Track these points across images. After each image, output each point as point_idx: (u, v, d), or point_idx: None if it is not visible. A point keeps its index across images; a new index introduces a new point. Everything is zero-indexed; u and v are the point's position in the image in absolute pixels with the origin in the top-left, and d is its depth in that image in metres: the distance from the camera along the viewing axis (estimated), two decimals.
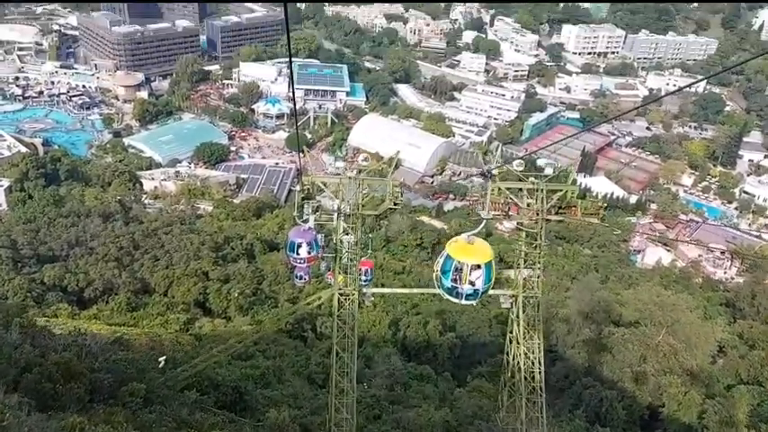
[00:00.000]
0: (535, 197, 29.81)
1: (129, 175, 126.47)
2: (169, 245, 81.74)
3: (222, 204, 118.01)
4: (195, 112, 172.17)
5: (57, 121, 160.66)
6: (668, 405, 48.05)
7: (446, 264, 27.30)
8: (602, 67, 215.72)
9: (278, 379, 40.70)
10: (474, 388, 45.25)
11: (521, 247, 31.16)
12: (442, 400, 43.59)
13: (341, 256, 29.66)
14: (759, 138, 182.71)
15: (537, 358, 30.88)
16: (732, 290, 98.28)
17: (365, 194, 29.37)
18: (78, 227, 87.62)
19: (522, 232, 31.19)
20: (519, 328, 31.08)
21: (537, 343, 31.04)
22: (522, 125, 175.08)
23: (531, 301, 31.23)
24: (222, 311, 67.28)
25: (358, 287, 30.34)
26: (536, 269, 30.94)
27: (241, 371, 39.77)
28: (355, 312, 30.28)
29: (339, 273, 30.09)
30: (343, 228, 29.27)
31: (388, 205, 29.44)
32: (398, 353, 54.52)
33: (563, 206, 30.29)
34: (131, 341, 41.33)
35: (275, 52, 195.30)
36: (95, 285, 68.98)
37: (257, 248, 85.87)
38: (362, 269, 30.63)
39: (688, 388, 48.32)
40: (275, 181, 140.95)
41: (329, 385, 31.19)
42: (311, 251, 28.08)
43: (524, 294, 31.08)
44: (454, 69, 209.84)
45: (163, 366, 34.66)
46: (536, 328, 30.86)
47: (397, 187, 29.61)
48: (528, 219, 29.96)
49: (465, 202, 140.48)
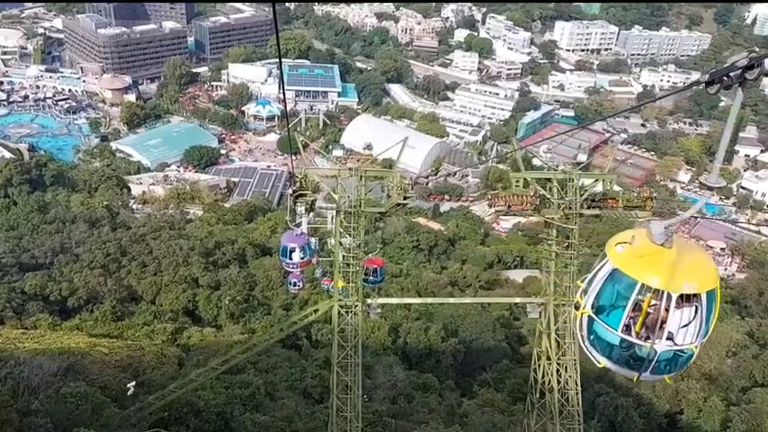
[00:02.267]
0: (567, 188, 26.83)
1: (117, 180, 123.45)
2: (157, 251, 78.82)
3: (212, 208, 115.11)
4: (184, 114, 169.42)
5: (42, 126, 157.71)
6: (687, 412, 45.34)
7: (610, 289, 12.02)
8: (596, 64, 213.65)
9: (270, 397, 37.67)
10: (485, 402, 42.30)
11: (550, 247, 28.07)
12: (450, 414, 40.74)
13: (339, 261, 26.91)
14: (755, 133, 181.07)
15: (573, 377, 27.70)
16: (734, 287, 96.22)
17: (368, 189, 26.62)
18: (63, 233, 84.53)
19: (550, 230, 28.16)
20: (550, 341, 28.04)
21: (572, 359, 27.91)
22: (516, 124, 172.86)
23: (563, 311, 28.06)
24: (212, 319, 64.55)
25: (361, 297, 27.28)
26: (569, 272, 27.90)
27: (228, 391, 36.41)
28: (359, 327, 27.19)
29: (339, 278, 27.19)
30: (342, 228, 26.52)
31: (396, 200, 26.37)
32: (399, 361, 51.61)
33: (597, 198, 27.38)
34: (93, 363, 36.92)
35: (265, 53, 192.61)
36: (79, 294, 65.98)
37: (249, 253, 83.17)
38: (370, 268, 27.79)
39: (707, 393, 45.66)
40: (267, 184, 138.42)
41: (328, 403, 28.21)
42: (304, 256, 26.33)
43: (556, 302, 27.93)
44: (447, 68, 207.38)
45: (132, 393, 30.80)
46: (570, 342, 27.76)
47: (405, 179, 26.68)
48: (559, 214, 26.98)
49: (461, 202, 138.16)
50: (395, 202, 26.39)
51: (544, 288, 28.98)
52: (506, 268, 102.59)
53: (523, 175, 27.41)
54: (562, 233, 27.81)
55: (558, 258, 27.67)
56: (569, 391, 27.72)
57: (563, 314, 28.06)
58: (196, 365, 42.18)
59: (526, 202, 26.96)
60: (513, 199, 27.07)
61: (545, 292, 28.65)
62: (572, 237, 27.41)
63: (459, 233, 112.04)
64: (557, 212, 26.98)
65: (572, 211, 26.87)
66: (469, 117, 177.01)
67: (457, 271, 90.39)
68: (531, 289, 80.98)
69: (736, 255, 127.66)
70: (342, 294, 27.45)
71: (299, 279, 28.37)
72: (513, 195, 27.10)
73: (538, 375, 29.03)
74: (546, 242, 28.76)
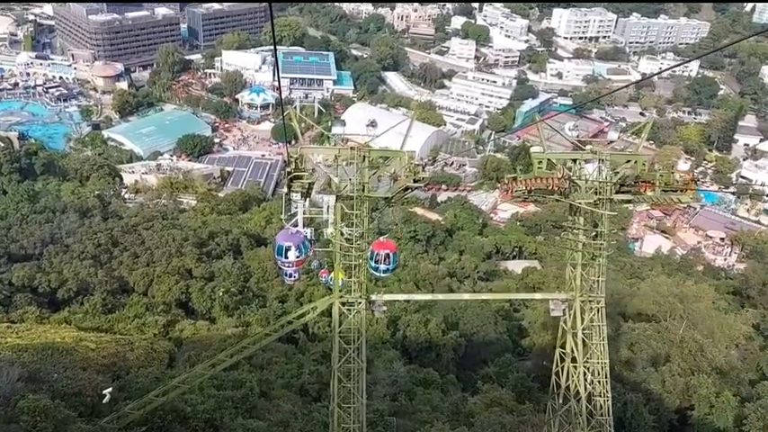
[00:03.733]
0: (597, 170, 24.41)
1: (109, 169, 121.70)
2: (150, 241, 77.06)
3: (206, 198, 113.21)
4: (177, 102, 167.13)
5: (33, 114, 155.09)
6: (699, 407, 43.67)
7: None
8: (594, 52, 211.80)
9: (265, 396, 35.75)
10: (492, 401, 40.45)
11: (576, 236, 25.57)
12: (454, 413, 38.97)
13: (340, 253, 24.47)
14: (754, 122, 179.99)
15: (601, 382, 25.26)
16: (735, 277, 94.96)
17: (372, 171, 23.92)
18: (53, 223, 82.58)
19: (577, 217, 25.62)
20: (576, 342, 25.38)
21: (601, 362, 25.35)
22: (514, 112, 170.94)
23: (591, 307, 25.66)
24: (206, 312, 62.84)
25: (365, 293, 24.76)
26: (597, 265, 25.38)
27: (219, 392, 33.92)
28: (363, 327, 24.58)
29: (339, 270, 24.54)
30: (343, 215, 24.10)
31: (405, 183, 23.64)
32: (399, 355, 49.90)
33: (626, 183, 24.89)
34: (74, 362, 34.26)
35: (259, 40, 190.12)
36: (69, 285, 64.30)
37: (244, 244, 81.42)
38: (380, 254, 25.08)
39: (718, 388, 44.06)
40: (261, 173, 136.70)
41: (326, 402, 26.24)
42: (300, 254, 24.88)
43: (582, 299, 25.45)
44: (443, 56, 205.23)
45: (109, 400, 27.89)
46: (599, 343, 25.29)
47: (413, 159, 23.83)
48: (587, 198, 24.54)
49: (459, 192, 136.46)
50: (403, 186, 23.69)
51: (568, 283, 26.24)
52: (505, 259, 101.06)
53: (547, 155, 24.77)
54: (589, 221, 25.24)
55: (584, 249, 25.10)
56: (598, 397, 25.09)
57: (590, 311, 25.53)
58: (187, 361, 40.66)
59: (552, 186, 24.38)
60: (536, 182, 24.46)
61: (570, 288, 26.01)
62: (601, 225, 24.78)
63: (457, 223, 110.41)
64: (591, 197, 24.48)
65: (602, 195, 24.26)
66: (466, 105, 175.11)
67: (455, 262, 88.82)
68: (531, 280, 79.58)
69: (735, 245, 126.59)
70: (343, 290, 24.92)
71: (295, 270, 26.38)
72: (536, 179, 24.46)
73: (561, 379, 26.44)
74: (571, 231, 25.99)
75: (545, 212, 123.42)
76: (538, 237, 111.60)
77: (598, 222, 25.00)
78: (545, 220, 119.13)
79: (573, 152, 25.20)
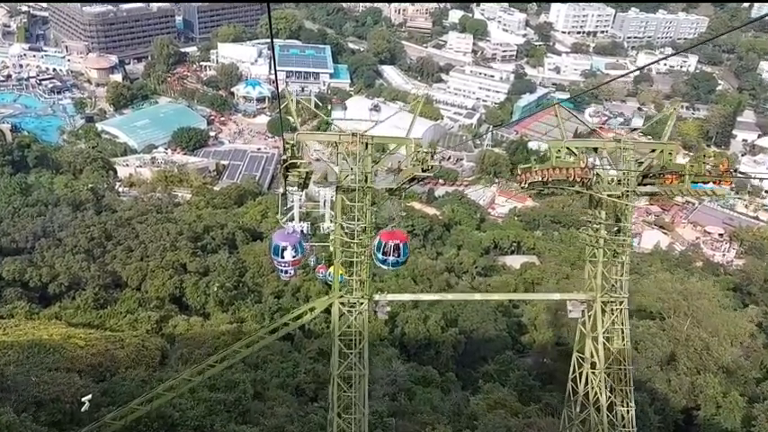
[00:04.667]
0: (622, 159, 22.73)
1: (103, 162, 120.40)
2: (144, 235, 75.91)
3: (201, 192, 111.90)
4: (172, 95, 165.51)
5: (26, 106, 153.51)
6: (705, 407, 42.66)
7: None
8: (592, 47, 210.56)
9: (260, 397, 34.49)
10: (496, 402, 39.32)
11: (597, 232, 24.12)
12: (456, 414, 37.80)
13: (340, 249, 22.84)
14: (752, 117, 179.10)
15: (624, 390, 23.39)
16: (734, 273, 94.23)
17: (376, 159, 22.33)
18: (45, 217, 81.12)
19: (598, 211, 23.76)
20: (597, 346, 23.63)
21: (624, 369, 23.57)
22: (511, 107, 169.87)
23: (612, 309, 23.97)
24: (200, 307, 61.66)
25: (368, 293, 23.05)
26: (619, 262, 23.74)
27: (210, 396, 32.21)
28: (365, 330, 22.94)
29: (340, 268, 22.95)
30: (344, 208, 22.42)
31: (413, 172, 21.92)
32: (398, 353, 48.76)
33: (650, 174, 23.03)
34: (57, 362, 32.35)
35: (255, 33, 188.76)
36: (60, 280, 63.02)
37: (239, 238, 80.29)
38: (389, 244, 23.22)
39: (725, 388, 43.08)
40: (257, 167, 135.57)
41: (323, 403, 24.98)
42: (296, 254, 23.76)
43: (603, 299, 23.82)
44: (441, 50, 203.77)
45: (89, 409, 25.92)
46: (621, 347, 23.42)
47: (420, 146, 22.11)
48: (613, 190, 22.82)
49: (456, 186, 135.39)
50: (410, 175, 22.03)
51: (588, 282, 24.60)
52: (503, 254, 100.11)
53: (566, 143, 22.96)
54: (611, 215, 23.62)
55: (606, 246, 23.56)
56: (620, 407, 23.26)
57: (612, 313, 23.88)
58: (179, 359, 39.57)
59: (574, 176, 22.55)
60: (555, 173, 22.65)
61: (589, 287, 24.39)
62: (624, 219, 23.24)
63: (455, 218, 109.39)
64: (617, 189, 22.86)
65: (626, 187, 22.76)
66: (464, 99, 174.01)
67: (453, 257, 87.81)
68: (529, 276, 78.65)
69: (734, 240, 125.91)
70: (343, 289, 23.23)
71: (291, 269, 25.18)
72: (554, 169, 22.68)
73: (579, 386, 24.75)
74: (591, 226, 24.33)
75: (543, 208, 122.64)
76: (536, 232, 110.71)
77: (620, 216, 23.32)
78: (543, 215, 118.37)
79: (594, 140, 23.73)
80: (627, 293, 23.74)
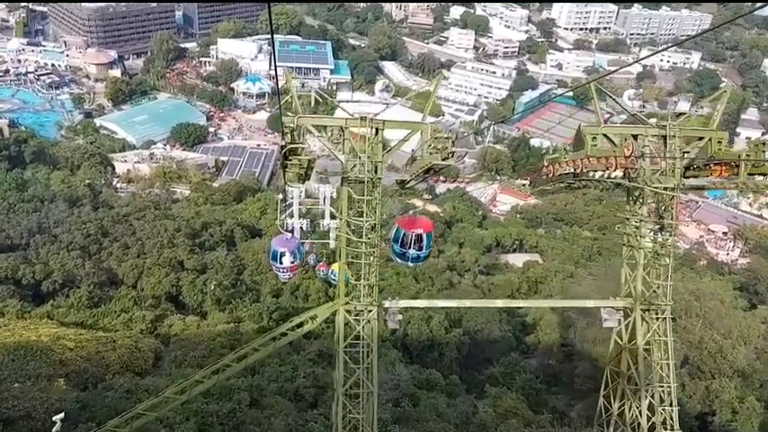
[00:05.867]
0: (668, 147, 20.09)
1: (101, 158, 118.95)
2: (141, 232, 74.63)
3: (200, 188, 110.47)
4: (171, 91, 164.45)
5: (24, 102, 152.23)
6: (720, 413, 41.22)
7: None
8: (595, 44, 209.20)
9: (256, 405, 33.00)
10: (507, 410, 37.82)
11: (638, 230, 21.17)
12: (464, 422, 36.30)
13: (346, 249, 20.56)
14: (756, 115, 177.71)
15: (668, 411, 20.86)
16: (738, 272, 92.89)
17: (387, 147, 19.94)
18: (41, 213, 79.93)
19: (639, 206, 21.14)
20: (636, 360, 21.19)
21: (667, 386, 21.06)
22: (513, 103, 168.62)
23: (654, 318, 21.30)
24: (197, 306, 60.33)
25: (377, 299, 20.68)
26: (664, 265, 20.99)
27: (202, 407, 30.13)
28: (374, 342, 20.63)
29: (345, 270, 20.83)
30: (350, 202, 20.05)
31: (432, 161, 19.54)
32: (400, 355, 47.33)
33: (693, 165, 20.55)
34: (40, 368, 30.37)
35: (255, 28, 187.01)
36: (54, 277, 61.62)
37: (238, 235, 79.00)
38: (409, 235, 20.58)
39: (741, 392, 41.68)
40: (257, 163, 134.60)
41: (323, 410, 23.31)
42: (294, 260, 22.42)
43: (644, 307, 21.25)
44: (442, 46, 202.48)
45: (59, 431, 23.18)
46: (664, 362, 20.90)
47: (440, 133, 19.65)
48: (667, 182, 20.08)
49: (458, 183, 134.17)
50: (427, 165, 19.50)
51: (625, 288, 22.02)
52: (505, 252, 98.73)
53: (603, 129, 20.55)
54: (653, 211, 21.02)
55: (648, 246, 21.08)
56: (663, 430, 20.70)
57: (653, 322, 21.15)
58: (173, 361, 38.31)
59: (615, 166, 19.99)
60: (592, 163, 20.17)
61: (627, 293, 21.83)
62: (668, 215, 20.74)
63: (456, 215, 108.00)
64: (671, 180, 19.90)
65: (674, 179, 20.14)
66: (465, 96, 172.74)
67: (455, 255, 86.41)
68: (533, 274, 77.21)
69: (738, 239, 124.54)
70: (349, 294, 20.79)
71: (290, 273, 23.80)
72: (591, 159, 20.12)
73: (612, 404, 22.37)
74: (629, 223, 21.75)
75: (545, 205, 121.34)
76: (539, 230, 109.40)
77: (663, 212, 20.80)
78: (545, 212, 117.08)
79: (635, 125, 21.03)
80: (671, 301, 21.44)
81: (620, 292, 22.19)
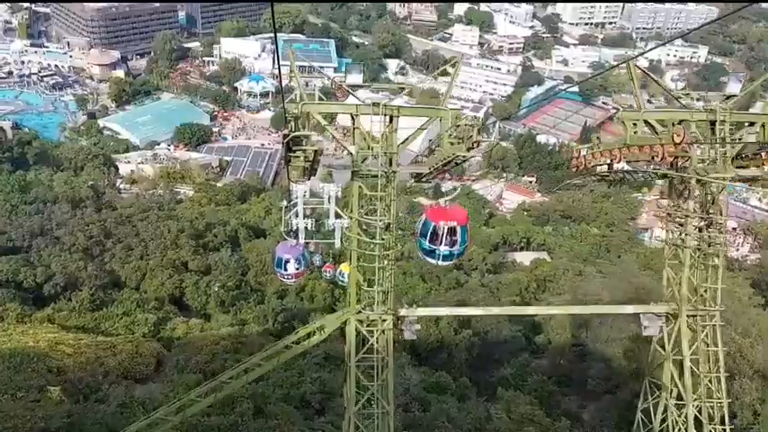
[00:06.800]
0: (718, 134, 18.12)
1: (104, 159, 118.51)
2: (144, 233, 74.01)
3: (204, 188, 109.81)
4: (175, 91, 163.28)
5: (27, 103, 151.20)
6: (742, 415, 39.96)
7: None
8: (600, 39, 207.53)
9: (261, 414, 31.81)
10: (523, 417, 36.52)
11: (684, 227, 19.26)
12: (478, 430, 35.02)
13: (357, 251, 18.76)
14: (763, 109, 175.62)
15: (718, 429, 19.11)
16: (749, 268, 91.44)
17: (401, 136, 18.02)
18: (44, 214, 79.29)
19: (685, 200, 19.23)
20: (683, 373, 19.41)
21: (719, 403, 19.20)
22: (519, 100, 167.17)
23: (701, 325, 19.41)
24: (201, 308, 59.50)
25: (393, 306, 18.88)
26: (712, 266, 19.13)
27: (203, 419, 28.60)
28: (389, 354, 18.95)
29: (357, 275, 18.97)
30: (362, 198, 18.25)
31: (455, 151, 17.67)
32: (410, 359, 46.16)
33: (742, 154, 18.78)
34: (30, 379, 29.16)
35: (258, 27, 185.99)
36: (56, 280, 60.94)
37: (242, 235, 78.32)
38: (442, 227, 18.18)
39: (762, 394, 40.42)
40: (261, 163, 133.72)
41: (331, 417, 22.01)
42: (299, 267, 21.42)
43: (691, 313, 19.39)
44: (446, 43, 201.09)
45: None
46: (714, 374, 19.14)
47: (461, 118, 17.90)
48: (726, 172, 18.11)
49: (463, 181, 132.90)
50: (450, 156, 17.68)
51: (668, 291, 20.20)
52: (512, 250, 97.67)
53: (643, 114, 18.73)
54: (699, 206, 19.05)
55: (694, 245, 19.21)
56: None
57: (701, 330, 19.26)
58: (175, 367, 37.34)
59: (663, 155, 18.05)
60: (634, 152, 18.44)
61: (670, 297, 19.99)
62: (717, 210, 18.90)
63: None
64: (730, 170, 18.09)
65: (725, 169, 18.22)
66: (470, 93, 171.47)
67: None
68: (541, 272, 76.08)
69: (748, 234, 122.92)
70: (361, 302, 18.90)
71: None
72: (631, 147, 18.34)
73: (654, 418, 20.43)
74: (672, 220, 19.84)
75: (552, 202, 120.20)
76: (546, 227, 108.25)
77: (710, 207, 18.85)
78: (552, 209, 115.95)
79: (680, 110, 19.14)
80: (721, 306, 19.50)
81: (633, 290, 20.59)
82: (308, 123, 18.16)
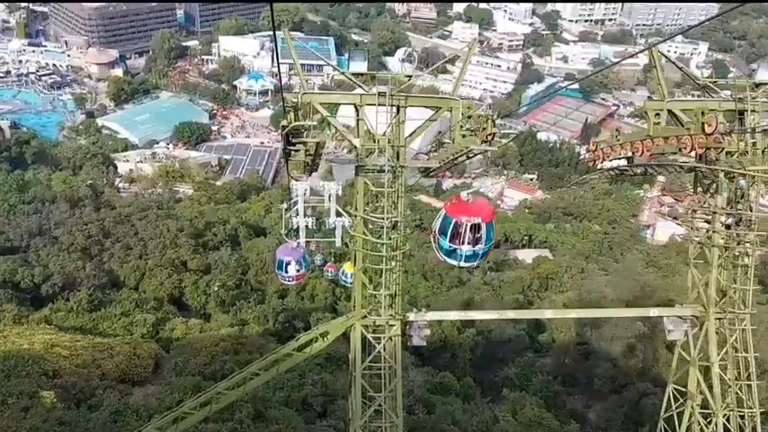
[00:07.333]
0: (747, 124, 17.00)
1: (103, 158, 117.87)
2: (143, 232, 73.37)
3: (203, 187, 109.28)
4: (173, 89, 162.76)
5: (25, 102, 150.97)
6: None
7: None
8: (600, 35, 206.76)
9: (261, 418, 31.11)
10: (531, 420, 35.78)
11: (712, 224, 18.11)
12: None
13: (363, 252, 17.48)
14: None
15: None
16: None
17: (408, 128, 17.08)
18: (42, 214, 78.65)
19: (713, 195, 18.12)
20: (711, 380, 18.36)
21: (750, 412, 18.20)
22: (519, 97, 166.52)
23: (730, 329, 18.25)
24: (200, 308, 58.82)
25: (401, 311, 17.62)
26: (742, 265, 18.02)
27: (200, 425, 26.95)
28: (397, 363, 17.53)
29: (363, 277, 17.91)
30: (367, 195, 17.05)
31: (469, 144, 16.42)
32: (413, 359, 45.53)
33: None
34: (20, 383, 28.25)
35: (257, 25, 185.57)
36: (54, 280, 60.16)
37: (242, 234, 77.71)
38: (463, 224, 16.57)
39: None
40: (260, 161, 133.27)
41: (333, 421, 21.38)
42: (300, 269, 21.06)
43: (719, 315, 18.17)
44: (446, 40, 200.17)
45: None
46: (745, 383, 18.16)
47: (473, 108, 16.71)
48: (731, 166, 17.03)
49: (464, 179, 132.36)
50: (463, 149, 16.56)
51: (693, 292, 19.10)
52: (514, 248, 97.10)
53: (667, 104, 17.57)
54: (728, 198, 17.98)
55: (723, 243, 18.15)
56: None
57: (730, 334, 18.18)
58: (173, 369, 36.65)
59: (692, 146, 16.91)
60: (658, 144, 17.36)
61: (696, 299, 18.89)
62: (747, 206, 18.02)
63: None
64: (758, 164, 16.96)
65: (760, 162, 17.17)
66: (470, 90, 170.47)
67: None
68: (543, 270, 75.46)
69: None
70: (367, 306, 17.65)
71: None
72: (656, 139, 17.24)
73: (679, 428, 19.54)
74: (698, 215, 18.83)
75: (554, 199, 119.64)
76: (548, 225, 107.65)
77: (741, 202, 17.91)
78: (554, 207, 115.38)
79: (707, 99, 17.88)
80: (753, 309, 18.44)
81: (638, 288, 19.74)
82: (310, 117, 16.99)
